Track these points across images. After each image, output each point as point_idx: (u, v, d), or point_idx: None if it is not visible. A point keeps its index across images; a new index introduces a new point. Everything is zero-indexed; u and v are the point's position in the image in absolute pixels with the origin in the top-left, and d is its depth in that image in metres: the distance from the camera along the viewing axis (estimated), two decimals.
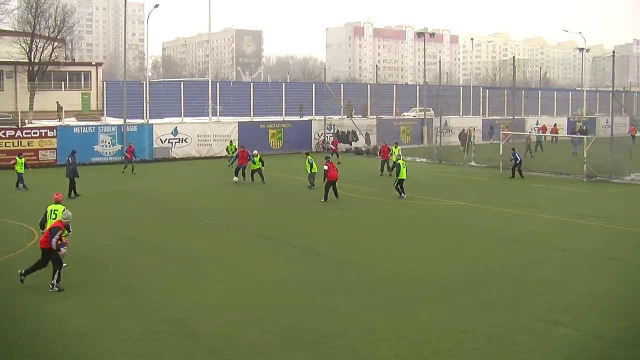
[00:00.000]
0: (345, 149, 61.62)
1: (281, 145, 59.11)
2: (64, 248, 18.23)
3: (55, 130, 48.74)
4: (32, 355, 13.67)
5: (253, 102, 60.83)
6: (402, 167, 33.59)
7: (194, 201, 33.34)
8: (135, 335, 14.61)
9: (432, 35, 78.96)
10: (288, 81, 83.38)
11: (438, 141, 55.89)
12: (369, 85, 75.96)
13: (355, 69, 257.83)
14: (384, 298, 17.28)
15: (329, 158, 33.89)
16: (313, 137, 62.06)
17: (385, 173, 43.07)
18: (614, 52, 49.77)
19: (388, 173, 42.25)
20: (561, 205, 32.47)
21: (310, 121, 62.53)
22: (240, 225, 27.21)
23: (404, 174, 33.66)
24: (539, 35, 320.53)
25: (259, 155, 38.91)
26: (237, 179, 38.77)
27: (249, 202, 33.35)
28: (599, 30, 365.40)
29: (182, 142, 54.21)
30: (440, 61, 77.56)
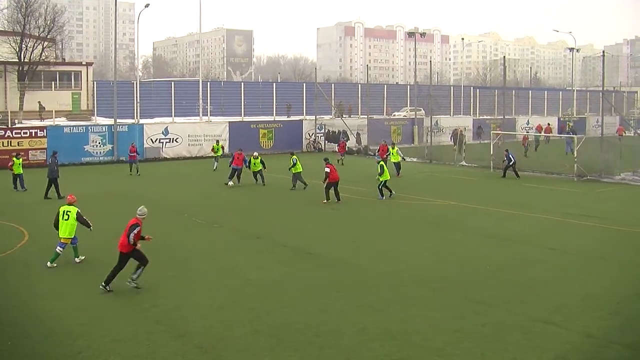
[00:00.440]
0: (336, 149, 61.63)
1: (272, 145, 59.07)
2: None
3: (45, 130, 48.61)
4: (23, 356, 13.61)
5: (244, 102, 60.92)
6: (386, 169, 33.38)
7: (185, 201, 33.29)
8: (126, 336, 14.56)
9: (422, 35, 79.01)
10: (279, 81, 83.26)
11: (429, 141, 55.97)
12: (359, 85, 76.17)
13: (346, 68, 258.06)
14: (375, 298, 17.27)
15: (327, 160, 33.62)
16: (304, 137, 62.09)
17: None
18: (604, 52, 49.97)
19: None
20: (552, 204, 32.54)
21: (301, 121, 62.56)
22: (231, 225, 27.18)
23: (387, 174, 33.46)
24: (530, 35, 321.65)
25: (259, 157, 38.47)
26: (231, 183, 37.94)
27: (240, 202, 33.29)
28: (589, 30, 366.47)
29: (173, 142, 54.16)
30: (430, 61, 77.73)
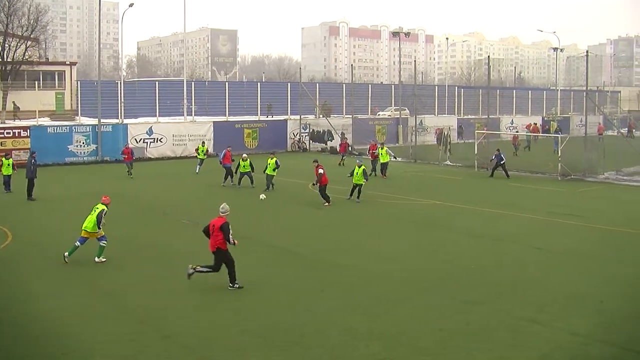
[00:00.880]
0: (320, 149, 61.72)
1: (256, 144, 58.93)
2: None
3: (29, 130, 48.30)
4: (8, 358, 13.53)
5: (228, 102, 60.74)
6: (359, 171, 32.36)
7: (170, 201, 33.19)
8: (112, 337, 14.50)
9: (407, 34, 79.17)
10: (263, 81, 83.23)
11: (413, 140, 56.05)
12: (344, 85, 76.11)
13: (331, 68, 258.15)
14: (362, 298, 17.28)
15: (317, 161, 33.45)
16: (288, 136, 62.00)
17: (378, 174, 42.66)
18: (587, 52, 50.23)
19: (373, 174, 41.78)
20: (537, 204, 32.67)
21: (285, 121, 62.47)
22: None
23: (357, 178, 32.32)
24: (514, 35, 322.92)
25: (249, 159, 37.99)
26: (228, 183, 37.94)
27: (226, 202, 33.16)
28: (573, 30, 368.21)
29: (157, 141, 53.96)
30: (415, 60, 77.77)
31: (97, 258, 20.81)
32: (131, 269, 20.14)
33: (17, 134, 47.79)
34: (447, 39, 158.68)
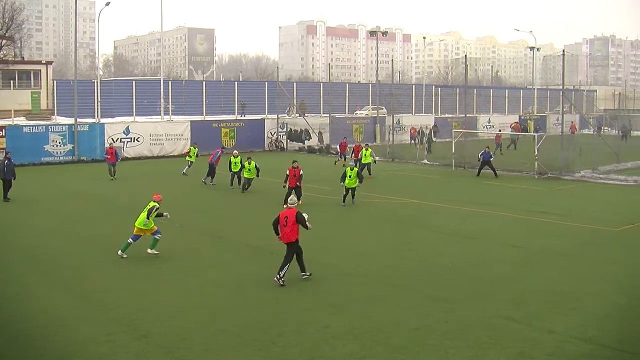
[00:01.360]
0: (298, 148, 61.65)
1: (234, 144, 58.72)
2: None
3: (4, 130, 47.88)
4: None
5: (206, 101, 60.58)
6: (351, 174, 31.31)
7: (146, 201, 32.93)
8: (88, 337, 14.40)
9: (384, 34, 79.41)
10: (241, 80, 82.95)
11: (391, 139, 56.13)
12: (322, 84, 76.11)
13: (308, 67, 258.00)
14: (338, 296, 17.28)
15: (296, 162, 33.06)
16: (266, 135, 61.87)
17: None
18: (563, 51, 50.47)
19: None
20: (514, 202, 32.81)
21: (263, 120, 62.34)
22: (192, 224, 27.02)
23: (351, 182, 31.35)
24: (491, 34, 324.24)
25: (239, 156, 37.01)
26: (209, 182, 38.08)
27: (202, 202, 33.14)
28: (549, 29, 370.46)
29: (134, 141, 53.67)
30: (392, 60, 77.82)
31: (149, 249, 21.41)
32: (107, 269, 20.01)
33: None
34: (424, 38, 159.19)
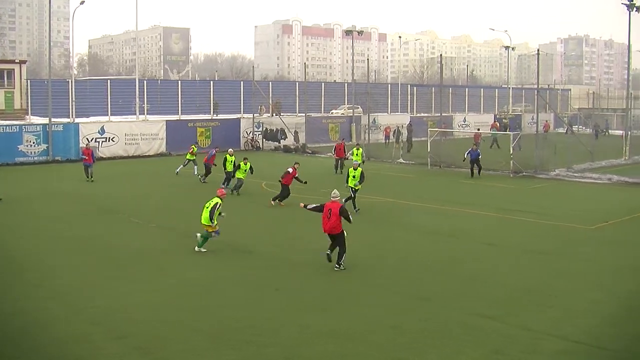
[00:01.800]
0: (274, 147, 61.55)
1: (209, 143, 58.50)
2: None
3: None
4: None
5: (181, 101, 60.31)
6: (355, 174, 30.01)
7: (122, 201, 32.82)
8: (65, 338, 14.30)
9: (360, 33, 79.25)
10: (216, 79, 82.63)
11: (366, 138, 56.17)
12: (297, 83, 76.02)
13: (284, 66, 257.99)
14: (315, 295, 17.30)
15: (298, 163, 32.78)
16: (242, 135, 61.67)
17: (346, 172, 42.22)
18: (538, 50, 50.84)
19: (340, 172, 41.83)
20: (489, 200, 32.97)
21: (238, 119, 62.16)
22: (168, 224, 26.89)
23: (353, 181, 30.07)
24: (466, 33, 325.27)
25: (234, 155, 36.72)
26: (204, 181, 38.27)
27: (178, 202, 32.99)
28: (524, 28, 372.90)
29: (109, 141, 53.33)
30: (368, 59, 77.81)
31: (197, 247, 21.82)
32: (83, 269, 19.88)
33: None
34: (399, 37, 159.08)
